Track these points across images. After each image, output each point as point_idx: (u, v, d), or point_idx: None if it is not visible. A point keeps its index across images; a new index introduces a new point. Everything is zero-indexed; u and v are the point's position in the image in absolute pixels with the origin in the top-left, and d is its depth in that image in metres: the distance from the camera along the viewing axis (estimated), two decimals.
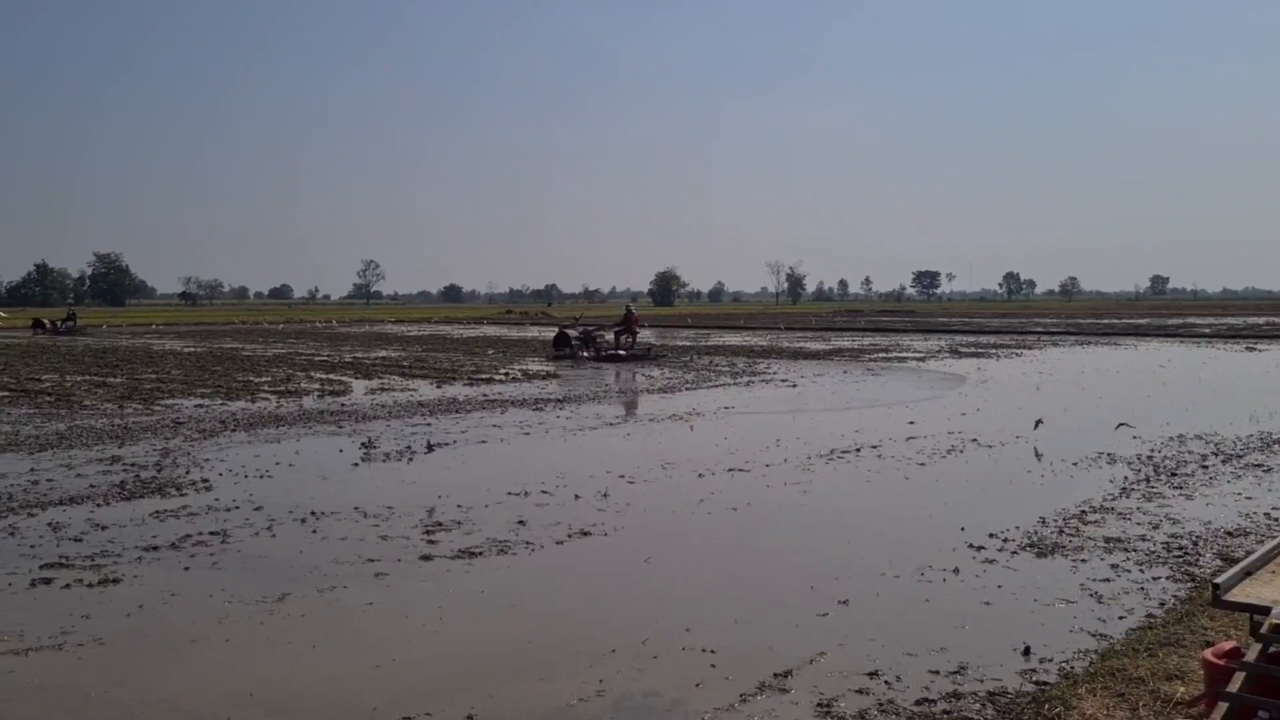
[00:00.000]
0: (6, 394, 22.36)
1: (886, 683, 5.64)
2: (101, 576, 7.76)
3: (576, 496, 10.88)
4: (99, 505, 10.40)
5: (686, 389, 24.00)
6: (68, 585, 7.54)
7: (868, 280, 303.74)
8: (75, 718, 5.24)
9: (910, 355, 37.75)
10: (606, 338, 36.98)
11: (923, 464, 13.11)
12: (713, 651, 6.16)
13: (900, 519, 10.19)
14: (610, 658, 6.08)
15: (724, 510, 10.32)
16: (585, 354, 35.61)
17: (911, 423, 17.19)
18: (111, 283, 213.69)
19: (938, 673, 5.76)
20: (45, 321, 60.11)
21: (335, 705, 5.40)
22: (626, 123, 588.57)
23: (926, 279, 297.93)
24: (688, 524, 9.84)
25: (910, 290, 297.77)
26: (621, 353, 35.37)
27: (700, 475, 12.24)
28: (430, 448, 14.36)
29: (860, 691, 5.52)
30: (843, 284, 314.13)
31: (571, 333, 38.10)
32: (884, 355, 37.97)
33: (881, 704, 5.34)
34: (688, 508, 10.46)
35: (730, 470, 12.60)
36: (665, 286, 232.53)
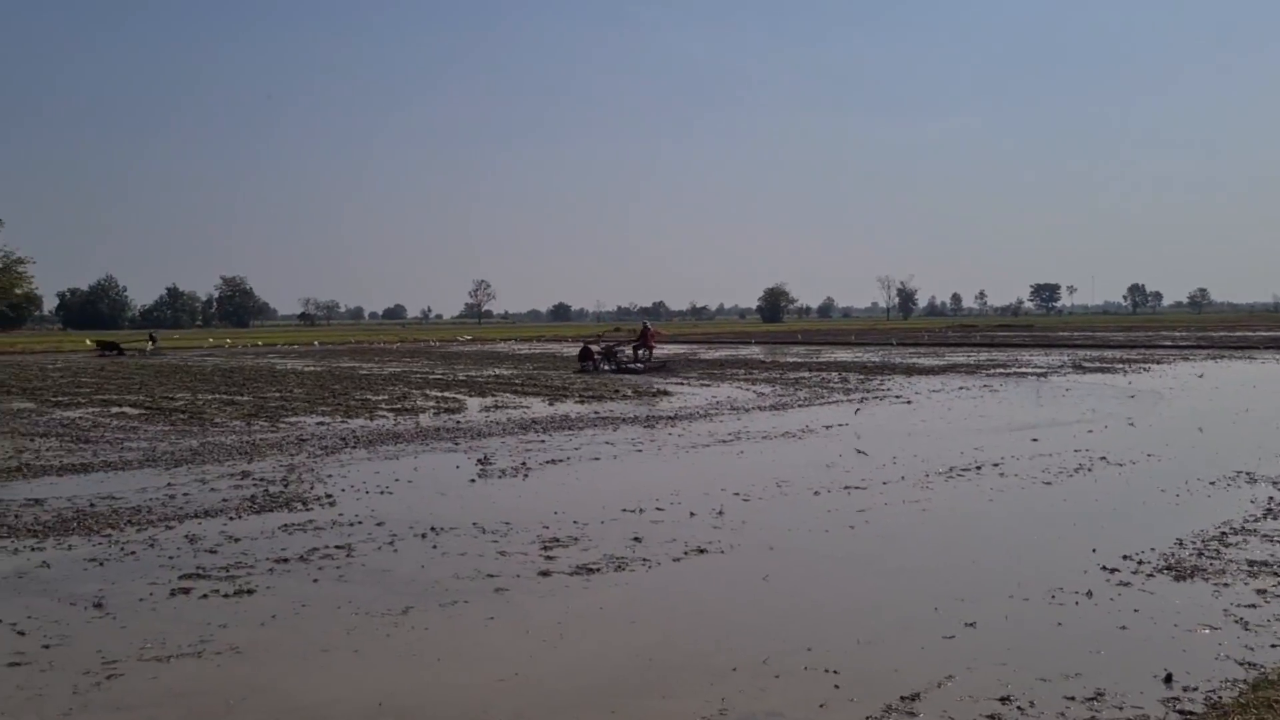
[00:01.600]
0: (144, 412, 23.46)
1: (1019, 708, 5.48)
2: (236, 587, 8.05)
3: (691, 514, 10.87)
4: (231, 519, 10.81)
5: (799, 406, 23.80)
6: (205, 595, 7.84)
7: (982, 294, 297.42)
8: None
9: (1030, 370, 36.74)
10: (626, 352, 40.24)
11: (1049, 483, 12.72)
12: (836, 672, 6.08)
13: (1027, 539, 9.91)
14: (731, 676, 6.05)
15: (842, 528, 10.19)
16: (606, 367, 38.53)
17: (1035, 440, 16.75)
18: (236, 305, 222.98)
19: (1073, 699, 5.56)
20: (115, 344, 62.28)
21: (462, 717, 5.49)
22: (734, 139, 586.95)
23: (1045, 292, 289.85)
24: (805, 542, 9.73)
25: (1028, 304, 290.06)
26: (639, 365, 38.76)
27: (816, 493, 12.11)
28: (484, 463, 14.54)
29: (991, 717, 5.37)
30: (956, 298, 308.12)
31: (594, 348, 41.50)
32: (1002, 370, 37.05)
33: None
34: (804, 526, 10.36)
35: (847, 488, 12.44)
36: (774, 303, 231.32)
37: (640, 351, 39.94)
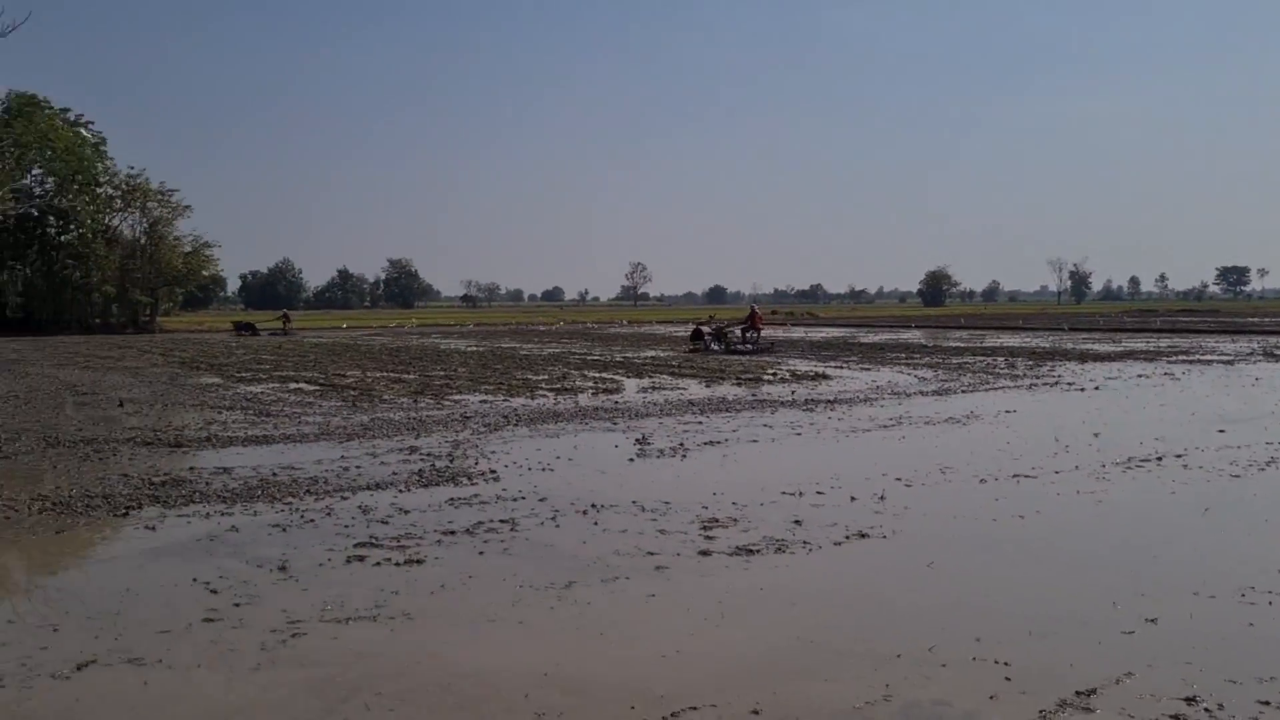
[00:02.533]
0: (318, 388, 24.63)
1: (1207, 710, 5.20)
2: (407, 557, 8.38)
3: (852, 498, 10.72)
4: (401, 491, 11.25)
5: (963, 391, 23.14)
6: (378, 563, 8.19)
7: (1163, 278, 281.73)
8: (395, 684, 5.65)
9: (1215, 358, 34.64)
10: (735, 333, 41.56)
11: (1237, 475, 11.99)
12: (1006, 664, 5.89)
13: (1213, 535, 9.38)
14: (895, 663, 5.95)
15: (1010, 517, 9.86)
16: (715, 347, 40.13)
17: (1221, 431, 15.79)
18: (402, 286, 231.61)
19: (1268, 704, 5.23)
20: (250, 325, 65.28)
21: (625, 690, 5.55)
22: (888, 118, 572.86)
23: (1233, 275, 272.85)
24: (971, 530, 9.47)
25: (1213, 288, 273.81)
26: (747, 346, 40.06)
27: (982, 480, 11.76)
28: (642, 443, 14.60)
29: (1175, 717, 5.12)
30: (1134, 282, 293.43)
31: (706, 329, 43.29)
32: (1184, 357, 35.08)
33: None
34: (970, 514, 10.07)
35: (1015, 476, 12.04)
36: (935, 286, 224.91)
37: (749, 333, 41.02)
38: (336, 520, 9.76)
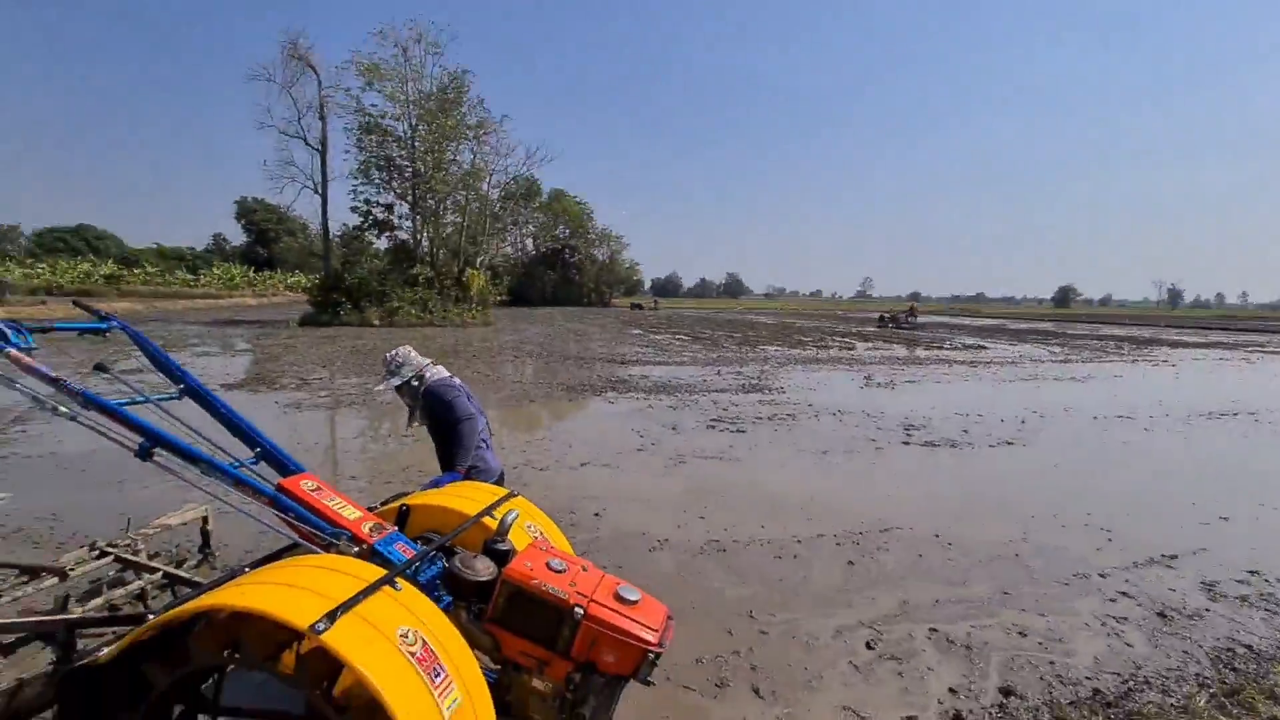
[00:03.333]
0: (689, 339, 25.53)
1: (1266, 580, 4.23)
2: (737, 428, 8.60)
3: (1002, 420, 9.53)
4: (733, 394, 11.48)
5: (1082, 361, 19.52)
6: (722, 430, 8.45)
7: (1244, 294, 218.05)
8: (731, 490, 5.86)
9: None
10: (901, 317, 38.84)
11: None
12: (1108, 531, 5.11)
13: (1276, 466, 7.40)
14: (1030, 520, 5.34)
15: (1116, 443, 8.33)
16: (889, 326, 37.03)
17: None
18: (733, 286, 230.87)
19: None
20: (640, 304, 66.76)
21: (858, 512, 5.41)
22: (1022, 132, 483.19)
23: None
24: (1086, 447, 8.10)
25: None
26: (907, 326, 36.66)
27: (1095, 418, 9.97)
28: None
29: (1240, 582, 4.21)
30: (1219, 296, 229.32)
31: (885, 315, 41.34)
32: (1259, 349, 27.21)
33: (1262, 594, 4.03)
34: (1086, 438, 8.61)
35: (1120, 416, 10.08)
36: (1064, 295, 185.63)
37: (909, 318, 39.17)
38: (699, 407, 10.18)
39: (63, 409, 2.09)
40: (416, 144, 31.87)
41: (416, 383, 3.40)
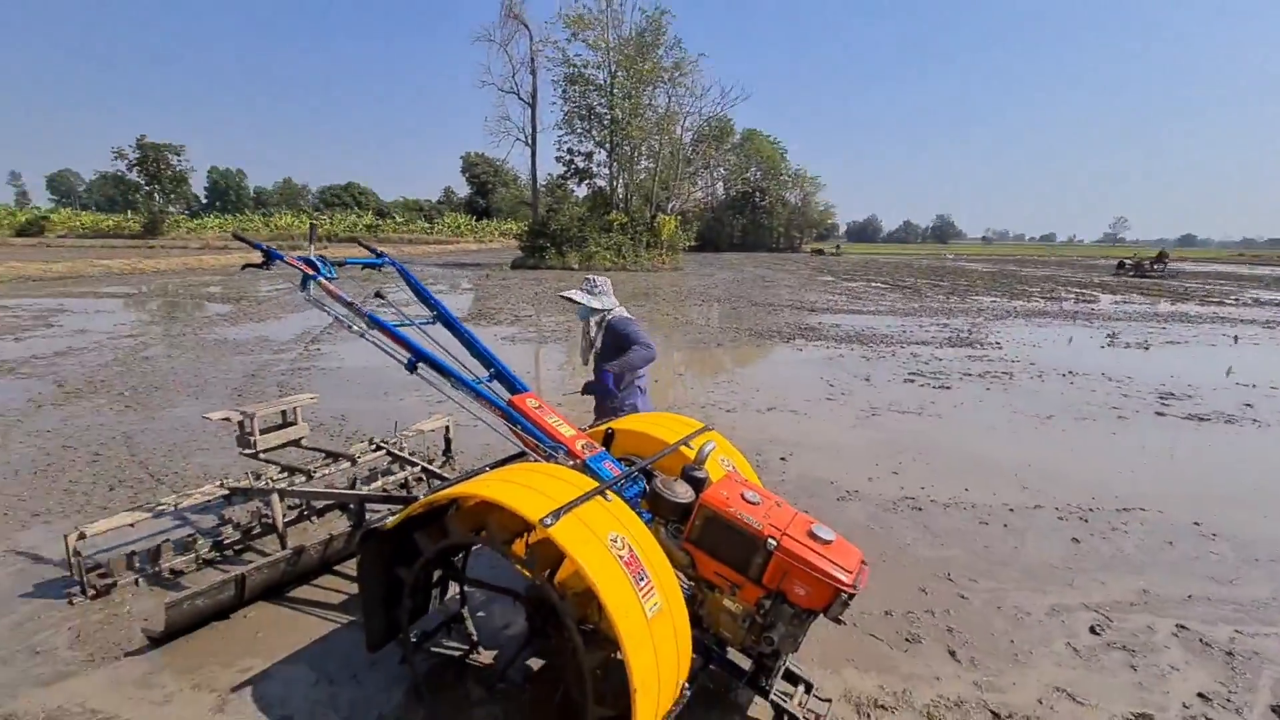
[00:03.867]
0: (886, 287, 23.71)
1: None
2: (939, 384, 7.91)
3: None
4: (936, 348, 10.53)
5: None
6: (921, 385, 7.82)
7: None
8: (930, 450, 5.47)
9: None
10: (1146, 264, 33.80)
11: None
12: None
13: None
14: None
15: None
16: (1131, 274, 32.53)
17: None
18: (939, 231, 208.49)
19: None
20: (821, 249, 61.26)
21: (1085, 485, 4.78)
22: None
23: None
24: None
25: None
26: (1153, 274, 32.29)
27: None
28: None
29: None
30: None
31: (1127, 261, 36.68)
32: None
33: None
34: None
35: None
36: None
37: (1156, 265, 33.93)
38: (897, 359, 9.52)
39: (354, 327, 2.57)
40: (615, 91, 32.72)
41: (603, 317, 3.62)
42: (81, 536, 2.86)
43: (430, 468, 3.55)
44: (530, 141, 34.27)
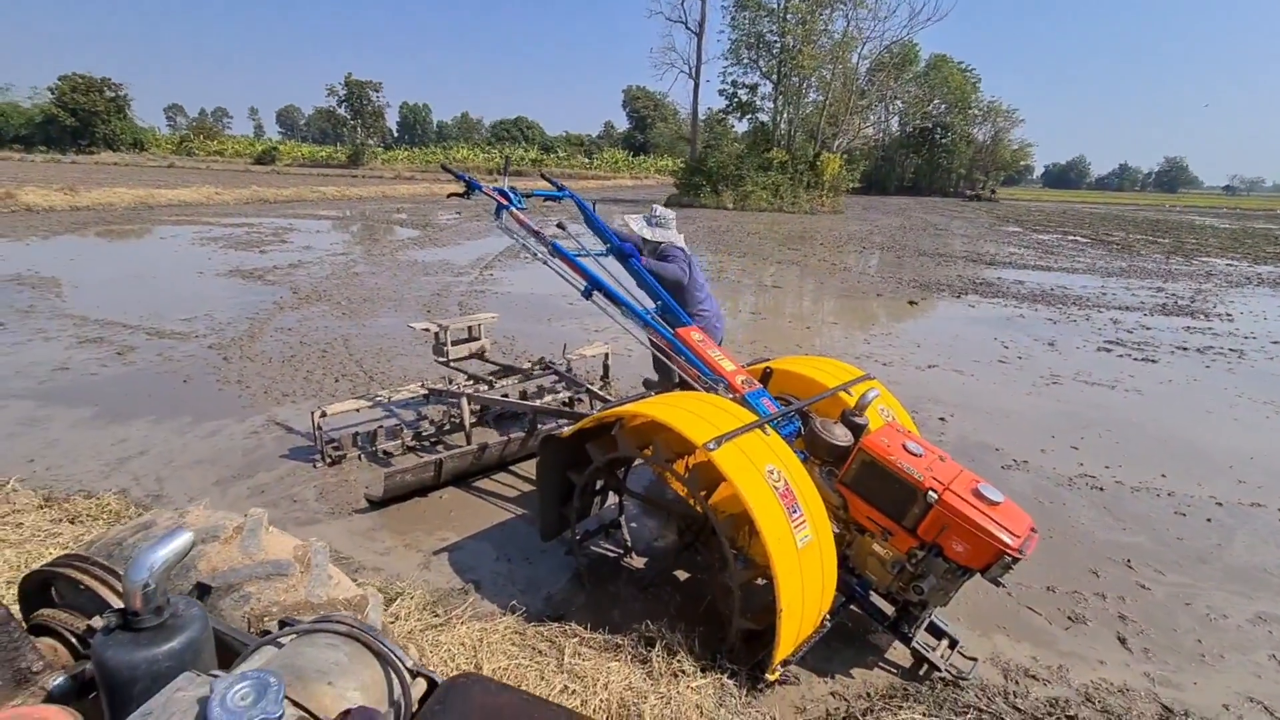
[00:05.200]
0: (1087, 241, 20.70)
1: None
2: (1143, 356, 6.93)
3: None
4: (1146, 314, 9.16)
5: None
6: (1120, 356, 6.91)
7: None
8: (1120, 428, 4.90)
9: None
10: None
11: None
12: None
13: None
14: None
15: None
16: None
17: None
18: (1171, 178, 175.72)
19: None
20: (977, 195, 52.78)
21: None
22: None
23: None
24: None
25: None
26: None
27: None
28: None
29: None
30: None
31: None
32: None
33: None
34: None
35: None
36: None
37: None
38: (1092, 324, 8.44)
39: (539, 255, 2.82)
40: (788, 15, 30.68)
41: (656, 248, 3.72)
42: (323, 415, 3.50)
43: (593, 389, 3.84)
44: (694, 74, 33.45)
